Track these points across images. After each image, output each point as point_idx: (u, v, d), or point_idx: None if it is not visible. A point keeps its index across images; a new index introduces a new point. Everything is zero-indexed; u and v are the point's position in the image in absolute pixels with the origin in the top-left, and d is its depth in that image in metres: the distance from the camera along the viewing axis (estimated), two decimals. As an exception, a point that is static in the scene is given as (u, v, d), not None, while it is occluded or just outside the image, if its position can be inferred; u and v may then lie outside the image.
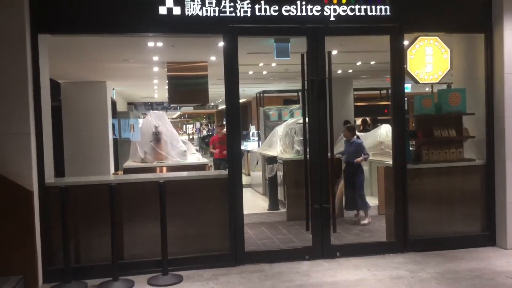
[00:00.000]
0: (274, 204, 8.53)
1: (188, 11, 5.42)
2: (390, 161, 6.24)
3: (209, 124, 33.55)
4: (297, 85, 14.81)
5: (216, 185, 5.74)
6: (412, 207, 6.02)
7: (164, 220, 5.27)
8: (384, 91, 16.77)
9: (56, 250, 5.26)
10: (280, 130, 9.75)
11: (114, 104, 13.52)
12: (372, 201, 8.70)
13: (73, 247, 5.33)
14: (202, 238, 5.64)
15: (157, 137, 8.51)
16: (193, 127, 35.14)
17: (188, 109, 27.70)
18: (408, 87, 5.84)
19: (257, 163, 10.95)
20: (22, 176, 4.98)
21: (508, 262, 5.52)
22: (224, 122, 13.33)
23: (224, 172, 5.91)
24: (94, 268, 5.34)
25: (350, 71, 12.02)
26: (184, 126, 37.88)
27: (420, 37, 6.15)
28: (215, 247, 5.65)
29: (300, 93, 15.27)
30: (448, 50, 6.25)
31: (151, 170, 8.11)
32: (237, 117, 5.77)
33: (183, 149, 8.72)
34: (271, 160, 8.78)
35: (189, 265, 5.50)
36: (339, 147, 8.53)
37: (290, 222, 7.89)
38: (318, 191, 5.80)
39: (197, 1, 5.42)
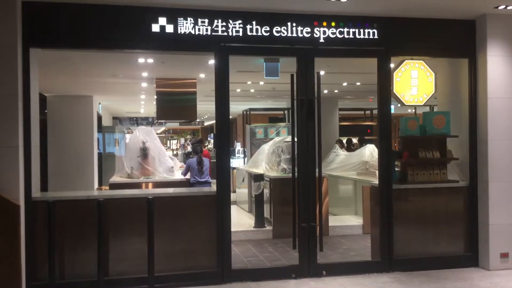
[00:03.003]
0: (260, 221, 8.53)
1: (180, 29, 5.49)
2: (374, 181, 6.32)
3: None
4: (283, 103, 15.06)
5: (204, 202, 5.75)
6: (397, 226, 6.10)
7: (151, 236, 5.24)
8: (368, 112, 17.04)
9: (41, 265, 5.18)
10: (266, 148, 9.81)
11: (99, 118, 13.47)
12: (357, 220, 8.78)
13: (58, 263, 5.26)
14: (189, 255, 5.62)
15: (144, 152, 8.50)
16: (177, 142, 34.99)
17: (173, 124, 27.65)
18: (391, 108, 6.00)
19: (243, 180, 10.95)
20: (9, 190, 4.92)
21: (491, 283, 5.60)
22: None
23: (213, 189, 5.92)
24: (79, 284, 5.28)
25: (336, 91, 12.21)
26: (168, 141, 37.69)
27: (406, 61, 6.32)
28: (202, 265, 5.63)
29: (286, 111, 15.51)
30: (433, 74, 6.42)
31: (138, 185, 8.10)
32: (227, 134, 5.81)
33: (170, 165, 8.71)
34: (258, 177, 8.81)
35: (176, 282, 5.45)
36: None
37: (275, 240, 7.89)
38: (305, 210, 5.85)
39: (190, 20, 5.50)
